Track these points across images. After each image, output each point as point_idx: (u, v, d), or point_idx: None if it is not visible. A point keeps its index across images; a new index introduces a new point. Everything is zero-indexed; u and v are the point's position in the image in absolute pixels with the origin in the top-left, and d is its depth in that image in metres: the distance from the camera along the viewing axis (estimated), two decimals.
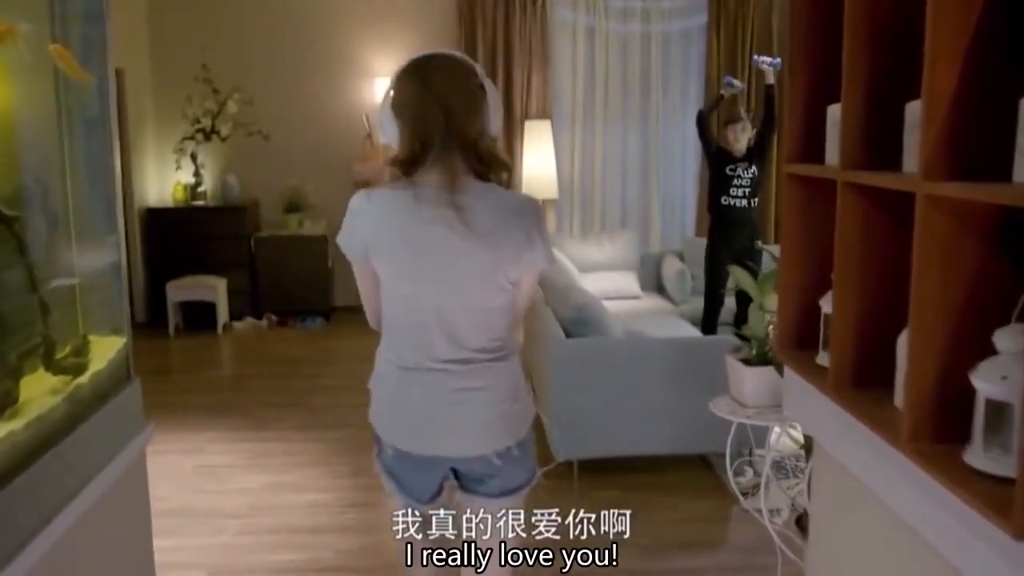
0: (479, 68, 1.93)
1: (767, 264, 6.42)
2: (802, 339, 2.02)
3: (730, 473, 2.90)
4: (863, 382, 1.72)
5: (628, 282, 6.51)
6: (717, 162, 5.68)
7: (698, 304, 6.15)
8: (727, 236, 5.70)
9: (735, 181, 5.59)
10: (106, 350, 2.06)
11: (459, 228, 1.84)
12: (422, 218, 1.86)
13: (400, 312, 1.98)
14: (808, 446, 2.56)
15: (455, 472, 2.08)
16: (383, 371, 2.07)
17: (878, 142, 1.64)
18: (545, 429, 4.39)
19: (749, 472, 4.05)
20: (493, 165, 1.93)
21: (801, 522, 2.82)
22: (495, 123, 1.94)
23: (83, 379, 1.89)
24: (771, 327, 2.54)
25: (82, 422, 1.85)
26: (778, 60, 5.73)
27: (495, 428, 2.03)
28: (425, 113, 1.85)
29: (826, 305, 1.86)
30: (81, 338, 1.96)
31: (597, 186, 8.08)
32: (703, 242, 6.96)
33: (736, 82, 5.86)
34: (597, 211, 8.13)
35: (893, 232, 1.65)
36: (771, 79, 5.61)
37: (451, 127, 1.85)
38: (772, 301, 2.45)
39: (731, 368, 2.80)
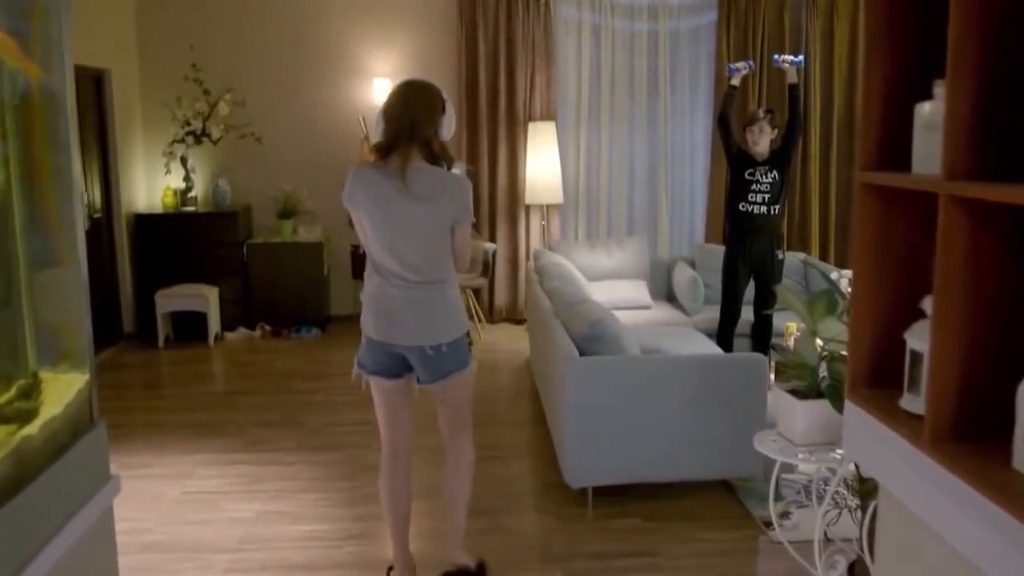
0: (444, 93, 2.98)
1: (792, 270, 6.16)
2: (877, 377, 1.73)
3: (775, 517, 2.60)
4: (968, 435, 1.43)
5: (638, 291, 6.20)
6: (736, 166, 5.39)
7: (712, 314, 5.87)
8: (745, 245, 5.42)
9: (754, 186, 5.30)
10: (63, 390, 1.75)
11: (405, 192, 2.86)
12: (384, 185, 2.88)
13: (374, 245, 2.96)
14: (867, 490, 2.25)
15: (411, 366, 3.04)
16: (367, 283, 3.04)
17: (990, 147, 1.35)
18: (557, 452, 4.10)
19: (796, 515, 3.74)
20: (441, 156, 2.95)
21: (854, 572, 2.52)
22: (448, 131, 2.96)
23: (32, 429, 1.59)
24: (825, 356, 2.25)
25: (30, 481, 1.55)
26: (800, 58, 5.47)
27: (430, 330, 2.96)
28: (399, 119, 2.88)
29: (913, 340, 1.57)
30: (30, 377, 1.65)
31: (603, 190, 7.79)
32: (716, 248, 6.69)
33: (738, 65, 5.55)
34: (603, 216, 7.83)
35: (1011, 255, 1.35)
36: (794, 78, 5.35)
37: (414, 130, 2.87)
38: (827, 327, 2.15)
39: (779, 400, 2.49)
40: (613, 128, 7.70)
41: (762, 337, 5.62)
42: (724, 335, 5.57)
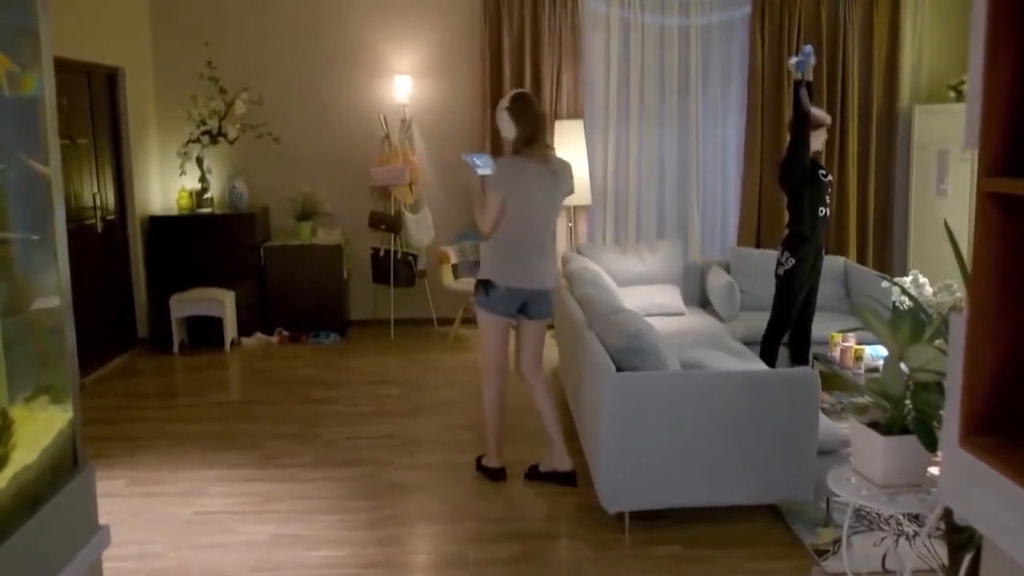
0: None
1: (829, 275, 5.85)
2: (993, 419, 1.46)
3: (846, 552, 2.32)
4: None
5: (671, 297, 5.92)
6: (813, 167, 5.03)
7: (750, 322, 5.58)
8: (815, 252, 5.10)
9: (828, 188, 5.03)
10: (40, 431, 1.51)
11: (547, 172, 4.02)
12: (530, 170, 3.98)
13: (516, 216, 3.97)
14: (961, 541, 1.98)
15: (527, 305, 4.10)
16: (505, 245, 4.02)
17: None
18: (591, 473, 3.84)
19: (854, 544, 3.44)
20: (548, 145, 4.20)
21: None
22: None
23: None
24: (910, 384, 1.98)
25: None
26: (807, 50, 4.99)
27: (551, 275, 4.13)
28: (533, 119, 4.01)
29: None
30: (0, 417, 1.41)
31: (632, 191, 7.51)
32: (751, 252, 6.41)
33: (793, 59, 5.08)
34: (632, 218, 7.56)
35: None
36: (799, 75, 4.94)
37: (542, 128, 4.07)
38: (917, 353, 1.88)
39: (857, 435, 2.21)
40: (642, 127, 7.43)
41: (801, 345, 5.32)
42: (774, 345, 5.23)
